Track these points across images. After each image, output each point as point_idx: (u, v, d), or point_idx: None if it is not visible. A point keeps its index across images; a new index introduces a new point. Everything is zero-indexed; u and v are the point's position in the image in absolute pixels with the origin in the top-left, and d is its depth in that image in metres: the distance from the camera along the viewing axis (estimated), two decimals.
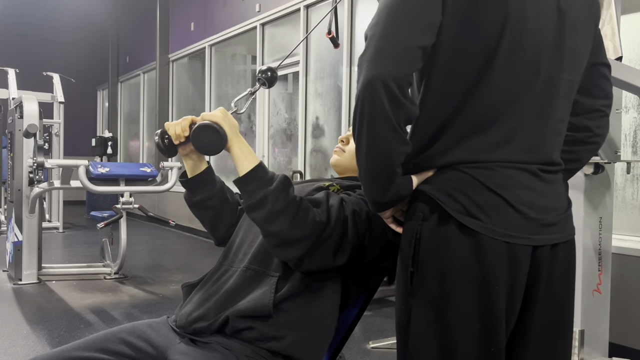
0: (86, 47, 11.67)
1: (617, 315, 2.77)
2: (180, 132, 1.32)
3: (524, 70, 1.08)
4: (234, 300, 1.30)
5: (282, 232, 1.20)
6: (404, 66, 1.01)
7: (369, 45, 1.02)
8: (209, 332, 1.29)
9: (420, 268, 1.07)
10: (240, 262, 1.37)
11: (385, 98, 0.99)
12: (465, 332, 1.05)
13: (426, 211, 1.08)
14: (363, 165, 1.07)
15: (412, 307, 1.09)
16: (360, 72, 1.02)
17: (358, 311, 1.49)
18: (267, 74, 1.47)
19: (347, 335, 1.48)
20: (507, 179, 1.07)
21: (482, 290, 1.04)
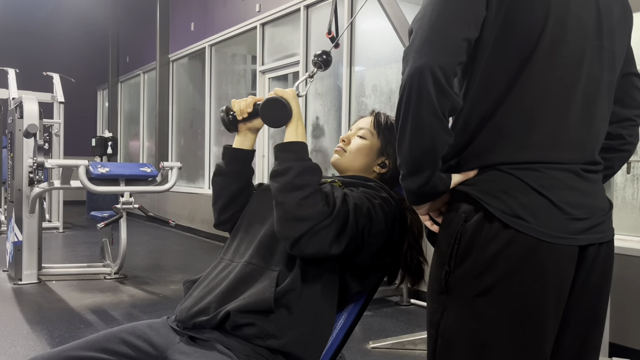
0: (86, 47, 11.67)
1: (617, 315, 2.77)
2: (244, 108, 1.46)
3: (566, 67, 1.09)
4: (234, 295, 1.30)
5: (289, 205, 1.24)
6: (450, 57, 1.03)
7: (415, 38, 1.04)
8: (209, 327, 1.30)
9: (458, 267, 1.07)
10: (241, 257, 1.38)
11: (432, 86, 1.01)
12: (500, 330, 1.05)
13: (469, 212, 1.08)
14: (406, 153, 1.07)
15: (446, 306, 1.09)
16: (406, 63, 1.04)
17: (358, 311, 1.49)
18: (323, 57, 1.55)
19: (347, 335, 1.48)
20: (552, 180, 1.07)
21: (523, 289, 1.04)
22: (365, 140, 1.54)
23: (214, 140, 7.79)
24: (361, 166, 1.53)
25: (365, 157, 1.53)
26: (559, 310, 1.09)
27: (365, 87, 5.17)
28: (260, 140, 6.60)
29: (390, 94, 4.81)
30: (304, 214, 1.23)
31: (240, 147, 1.54)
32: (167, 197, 8.00)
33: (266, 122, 1.42)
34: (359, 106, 5.14)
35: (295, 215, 1.23)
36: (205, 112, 7.87)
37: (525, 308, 1.05)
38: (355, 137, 1.55)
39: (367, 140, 1.54)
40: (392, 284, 1.49)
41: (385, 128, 1.55)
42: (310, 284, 1.31)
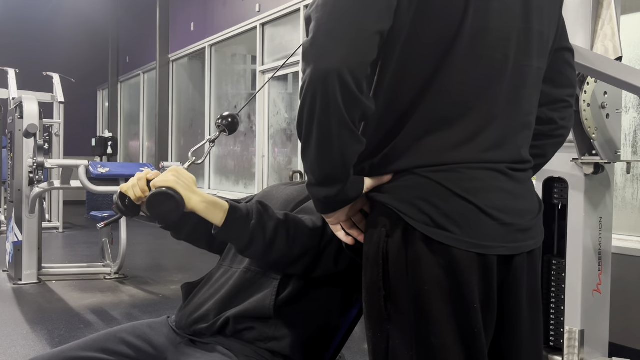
0: (86, 47, 11.66)
1: (617, 315, 2.77)
2: (141, 194, 1.21)
3: (490, 56, 0.96)
4: (234, 302, 1.29)
5: (283, 256, 1.20)
6: (362, 56, 0.88)
7: (317, 30, 0.88)
8: (209, 334, 1.29)
9: (393, 290, 0.96)
10: (240, 263, 1.37)
11: (339, 94, 0.86)
12: (449, 355, 0.95)
13: (389, 225, 0.96)
14: (312, 164, 0.95)
15: (390, 333, 0.98)
16: (308, 61, 0.88)
17: (358, 311, 1.49)
18: (229, 119, 1.40)
19: (347, 335, 1.48)
20: (476, 182, 0.95)
21: (461, 310, 0.95)
22: None
23: None
24: None
25: None
26: (492, 322, 1.01)
27: None
28: (260, 139, 6.60)
29: None
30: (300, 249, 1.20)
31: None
32: None
33: (163, 223, 1.26)
34: None
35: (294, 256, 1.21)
36: (205, 112, 7.87)
37: (468, 327, 0.96)
38: None
39: None
40: None
41: None
42: (311, 291, 1.29)
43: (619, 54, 2.19)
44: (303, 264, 1.22)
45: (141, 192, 1.21)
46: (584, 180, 2.40)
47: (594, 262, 2.49)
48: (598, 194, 2.47)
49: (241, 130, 7.29)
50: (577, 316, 2.36)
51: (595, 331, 2.53)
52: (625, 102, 3.21)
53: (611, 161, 2.46)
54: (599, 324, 2.55)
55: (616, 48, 2.18)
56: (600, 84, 2.30)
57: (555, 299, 2.39)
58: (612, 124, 2.40)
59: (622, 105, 2.57)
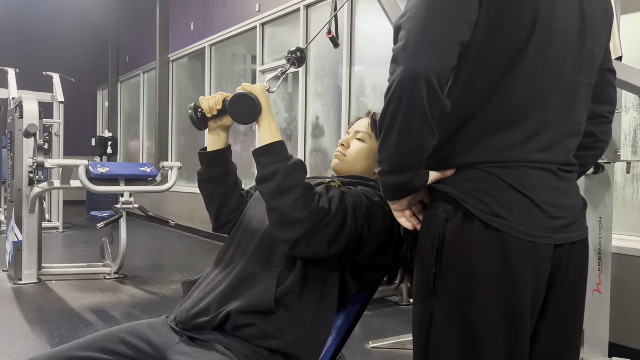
0: (86, 47, 11.66)
1: (617, 315, 2.77)
2: (214, 105, 1.40)
3: (550, 71, 1.09)
4: (235, 296, 1.30)
5: (284, 209, 1.22)
6: (445, 62, 1.02)
7: (408, 38, 1.01)
8: (209, 328, 1.30)
9: (443, 269, 1.07)
10: (241, 257, 1.37)
11: (425, 93, 0.99)
12: (490, 334, 1.05)
13: (450, 212, 1.08)
14: (390, 154, 1.06)
15: (435, 309, 1.08)
16: (397, 64, 1.01)
17: (358, 311, 1.49)
18: (297, 54, 1.51)
19: (347, 335, 1.48)
20: (530, 179, 1.07)
21: (508, 291, 1.05)
22: (364, 143, 1.53)
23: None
24: (362, 169, 1.53)
25: (366, 160, 1.52)
26: (537, 308, 1.10)
27: (365, 87, 5.17)
28: None
29: None
30: (300, 215, 1.22)
31: (215, 149, 1.50)
32: (167, 197, 8.00)
33: (235, 120, 1.37)
34: (359, 106, 5.14)
35: (292, 218, 1.22)
36: None
37: (511, 309, 1.05)
38: (354, 140, 1.55)
39: (366, 143, 1.53)
40: (392, 284, 1.49)
41: None
42: (310, 284, 1.31)
43: (619, 54, 2.19)
44: (294, 232, 1.22)
45: (215, 103, 1.39)
46: (584, 180, 2.40)
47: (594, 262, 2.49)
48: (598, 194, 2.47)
49: (241, 130, 7.30)
50: None
51: (595, 331, 2.53)
52: (625, 102, 3.20)
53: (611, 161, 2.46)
54: (599, 324, 2.55)
55: (616, 48, 2.18)
56: None
57: None
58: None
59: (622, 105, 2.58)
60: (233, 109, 1.34)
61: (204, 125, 1.44)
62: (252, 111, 1.33)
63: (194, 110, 1.42)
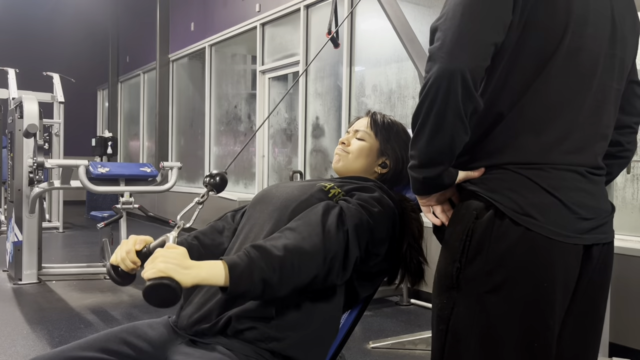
0: (86, 47, 11.66)
1: (617, 315, 2.77)
2: (133, 265, 1.31)
3: (581, 74, 1.12)
4: (235, 301, 1.29)
5: (297, 287, 1.20)
6: (480, 61, 1.05)
7: (445, 38, 1.05)
8: (210, 334, 1.29)
9: (469, 263, 1.10)
10: None
11: (460, 89, 1.03)
12: (509, 326, 1.08)
13: (480, 209, 1.10)
14: (422, 147, 1.09)
15: (456, 301, 1.11)
16: (433, 62, 1.05)
17: (358, 311, 1.49)
18: (216, 179, 1.40)
19: (347, 335, 1.48)
20: (560, 181, 1.10)
21: (531, 287, 1.07)
22: (364, 141, 1.54)
23: (214, 140, 7.79)
24: (362, 168, 1.53)
25: (366, 159, 1.53)
26: (564, 306, 1.12)
27: (365, 87, 5.17)
28: (260, 139, 6.60)
29: (390, 94, 4.81)
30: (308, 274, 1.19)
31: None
32: (167, 197, 7.99)
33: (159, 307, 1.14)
34: (359, 106, 5.14)
35: (305, 281, 1.20)
36: (205, 112, 7.87)
37: (534, 305, 1.08)
38: (354, 139, 1.55)
39: (366, 142, 1.54)
40: (392, 284, 1.49)
41: (383, 128, 1.55)
42: (312, 290, 1.29)
43: None
44: (313, 285, 1.22)
45: (132, 264, 1.30)
46: None
47: None
48: None
49: (241, 130, 7.30)
50: None
51: None
52: None
53: None
54: None
55: None
56: None
57: None
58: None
59: None
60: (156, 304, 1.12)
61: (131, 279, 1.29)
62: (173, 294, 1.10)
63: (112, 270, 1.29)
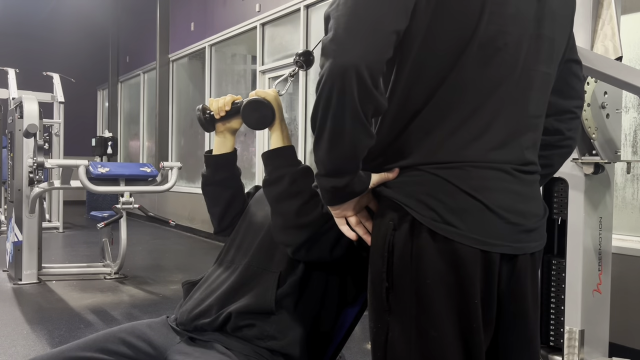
0: (86, 47, 11.66)
1: (617, 315, 2.77)
2: (222, 106, 1.40)
3: (502, 59, 0.99)
4: (235, 297, 1.30)
5: (288, 214, 1.22)
6: (378, 53, 0.91)
7: (337, 27, 0.91)
8: (210, 329, 1.30)
9: (396, 283, 0.99)
10: (242, 259, 1.38)
11: (356, 88, 0.89)
12: (448, 349, 0.97)
13: (396, 219, 0.99)
14: (323, 155, 0.97)
15: (390, 325, 1.01)
16: (326, 56, 0.91)
17: (358, 311, 1.49)
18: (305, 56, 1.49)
19: (347, 335, 1.48)
20: (483, 181, 0.98)
21: (462, 305, 0.97)
22: None
23: (214, 140, 7.77)
24: None
25: None
26: (491, 319, 1.03)
27: None
28: (260, 139, 6.60)
29: None
30: (304, 221, 1.22)
31: (221, 152, 1.49)
32: (167, 197, 7.99)
33: (248, 125, 1.36)
34: None
35: (296, 223, 1.22)
36: None
37: (467, 323, 0.98)
38: None
39: None
40: None
41: None
42: (311, 285, 1.31)
43: (619, 54, 2.19)
44: (296, 237, 1.22)
45: (224, 104, 1.40)
46: (584, 180, 2.40)
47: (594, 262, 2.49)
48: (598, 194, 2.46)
49: (241, 130, 7.29)
50: (577, 316, 2.36)
51: (595, 331, 2.53)
52: (625, 102, 3.21)
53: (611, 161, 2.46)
54: (599, 324, 2.55)
55: (616, 48, 2.18)
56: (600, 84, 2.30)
57: (555, 299, 2.39)
58: (612, 124, 2.40)
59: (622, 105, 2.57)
60: (246, 114, 1.34)
61: (212, 127, 1.45)
62: (265, 117, 1.33)
63: (202, 111, 1.43)
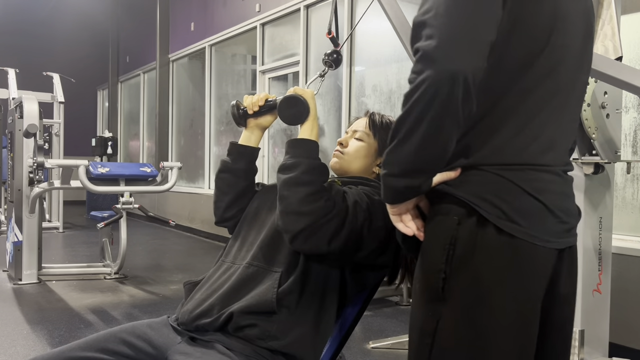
0: (86, 47, 11.66)
1: (617, 315, 2.77)
2: (256, 101, 1.49)
3: (561, 71, 1.08)
4: (237, 296, 1.31)
5: (293, 200, 1.25)
6: (479, 61, 0.97)
7: (441, 36, 0.95)
8: (211, 329, 1.30)
9: (454, 273, 1.04)
10: (243, 259, 1.38)
11: (461, 94, 0.94)
12: (499, 339, 1.03)
13: (462, 215, 1.04)
14: (407, 155, 1.00)
15: (442, 313, 1.05)
16: (428, 63, 0.95)
17: (358, 311, 1.49)
18: (333, 55, 1.57)
19: (347, 335, 1.48)
20: (542, 183, 1.06)
21: (520, 297, 1.03)
22: (362, 142, 1.54)
23: (214, 140, 7.78)
24: (360, 168, 1.53)
25: (364, 159, 1.53)
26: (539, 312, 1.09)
27: (365, 87, 5.17)
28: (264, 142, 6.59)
29: (390, 94, 4.81)
30: (306, 209, 1.24)
31: (246, 144, 1.56)
32: (167, 197, 8.00)
33: (283, 119, 1.43)
34: (359, 106, 5.14)
35: (298, 210, 1.24)
36: (205, 112, 7.87)
37: (521, 314, 1.04)
38: (352, 139, 1.55)
39: (364, 142, 1.53)
40: (392, 284, 1.49)
41: (381, 128, 1.55)
42: (311, 284, 1.32)
43: (619, 54, 2.19)
44: (295, 224, 1.24)
45: (257, 100, 1.48)
46: (584, 180, 2.40)
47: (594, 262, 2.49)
48: (598, 194, 2.47)
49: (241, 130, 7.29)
50: (577, 316, 2.36)
51: (595, 331, 2.53)
52: (625, 102, 3.21)
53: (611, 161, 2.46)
54: (599, 324, 2.55)
55: (616, 48, 2.18)
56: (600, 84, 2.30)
57: None
58: (612, 124, 2.40)
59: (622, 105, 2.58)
60: (282, 109, 1.41)
61: (244, 122, 1.53)
62: (300, 113, 1.40)
63: (235, 106, 1.51)
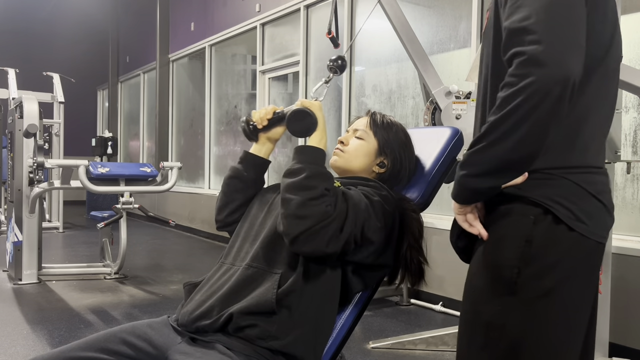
0: (86, 47, 11.66)
1: (617, 315, 2.77)
2: (264, 116, 1.51)
3: (616, 78, 1.19)
4: (237, 297, 1.31)
5: (294, 203, 1.25)
6: (582, 66, 1.01)
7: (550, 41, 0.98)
8: (211, 330, 1.30)
9: (528, 269, 1.10)
10: (243, 260, 1.38)
11: (568, 97, 0.99)
12: (570, 329, 1.13)
13: (538, 216, 1.10)
14: (501, 154, 1.04)
15: (513, 307, 1.11)
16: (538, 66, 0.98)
17: (358, 311, 1.49)
18: (338, 62, 1.57)
19: (347, 335, 1.48)
20: (600, 185, 1.14)
21: (588, 292, 1.15)
22: (363, 140, 1.54)
23: (214, 140, 7.79)
24: (360, 167, 1.53)
25: (364, 158, 1.53)
26: None
27: (365, 87, 5.17)
28: None
29: (390, 94, 4.81)
30: (305, 213, 1.24)
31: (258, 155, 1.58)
32: (167, 197, 8.00)
33: (292, 133, 1.45)
34: (359, 106, 5.14)
35: (298, 213, 1.24)
36: (205, 112, 7.87)
37: (588, 306, 1.15)
38: (353, 138, 1.55)
39: (365, 141, 1.54)
40: (392, 284, 1.49)
41: (382, 127, 1.54)
42: (311, 284, 1.31)
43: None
44: (295, 227, 1.24)
45: (265, 114, 1.51)
46: None
47: None
48: None
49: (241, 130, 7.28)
50: None
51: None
52: (625, 102, 3.21)
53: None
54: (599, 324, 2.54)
55: None
56: None
57: None
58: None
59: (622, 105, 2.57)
60: (291, 123, 1.43)
61: (255, 136, 1.55)
62: (308, 126, 1.42)
63: (245, 123, 1.53)
